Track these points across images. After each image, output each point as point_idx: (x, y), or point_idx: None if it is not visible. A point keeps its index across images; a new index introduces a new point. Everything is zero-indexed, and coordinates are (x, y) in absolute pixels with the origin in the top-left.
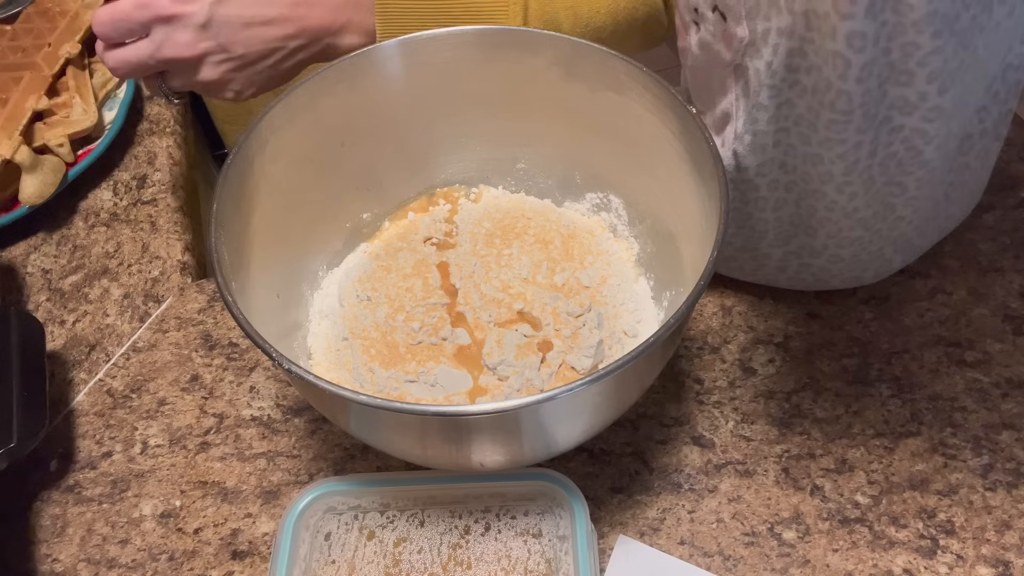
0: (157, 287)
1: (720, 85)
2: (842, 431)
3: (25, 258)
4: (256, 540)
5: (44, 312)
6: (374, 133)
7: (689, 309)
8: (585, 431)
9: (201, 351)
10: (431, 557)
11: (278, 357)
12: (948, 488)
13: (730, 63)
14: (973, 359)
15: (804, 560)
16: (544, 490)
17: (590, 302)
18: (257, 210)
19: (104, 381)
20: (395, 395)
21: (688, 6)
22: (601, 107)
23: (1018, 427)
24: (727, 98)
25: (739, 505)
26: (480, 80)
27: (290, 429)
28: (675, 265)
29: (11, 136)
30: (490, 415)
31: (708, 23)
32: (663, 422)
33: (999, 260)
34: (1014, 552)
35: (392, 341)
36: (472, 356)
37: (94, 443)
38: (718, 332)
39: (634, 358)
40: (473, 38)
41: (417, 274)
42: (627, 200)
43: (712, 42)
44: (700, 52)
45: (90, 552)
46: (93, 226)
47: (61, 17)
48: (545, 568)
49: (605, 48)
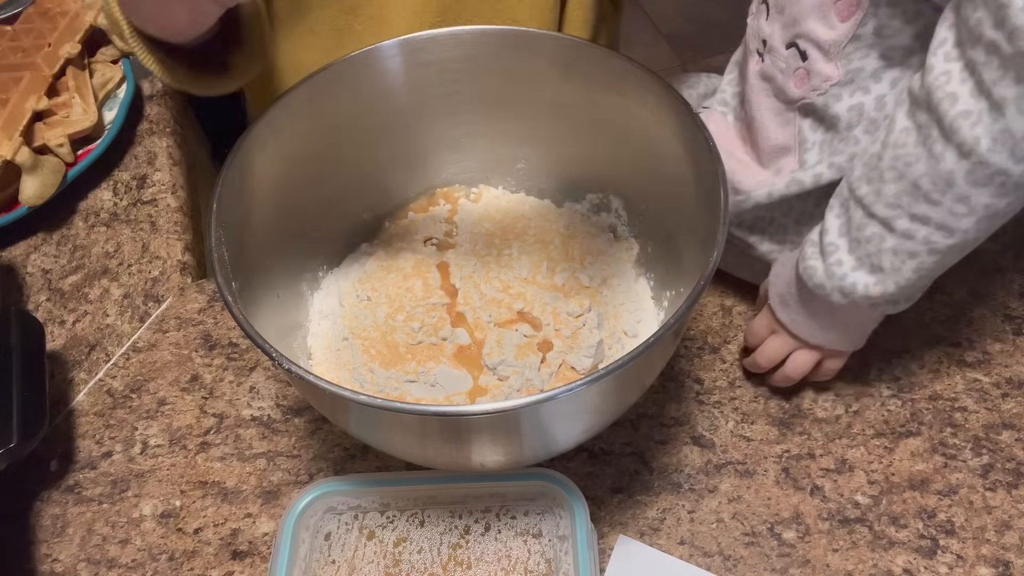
0: (157, 287)
1: (778, 116)
2: (842, 431)
3: (25, 258)
4: (256, 540)
5: (44, 312)
6: (374, 133)
7: (689, 309)
8: (585, 431)
9: (201, 351)
10: (431, 557)
11: (278, 357)
12: (948, 488)
13: (796, 100)
14: (973, 359)
15: (804, 560)
16: (544, 490)
17: (590, 302)
18: (257, 210)
19: (104, 381)
20: (395, 395)
21: (756, 35)
22: (601, 107)
23: (1018, 427)
24: (787, 131)
25: (739, 505)
26: (480, 80)
27: (290, 429)
28: (675, 265)
29: (11, 137)
30: (490, 415)
31: (778, 58)
32: (663, 422)
33: (999, 260)
34: (1014, 552)
35: (392, 341)
36: (472, 356)
37: (94, 443)
38: (718, 332)
39: (634, 358)
40: (473, 38)
41: (417, 274)
42: (627, 200)
43: (777, 76)
44: (758, 82)
45: (90, 552)
46: (93, 226)
47: (61, 17)
48: (545, 568)
49: (605, 48)
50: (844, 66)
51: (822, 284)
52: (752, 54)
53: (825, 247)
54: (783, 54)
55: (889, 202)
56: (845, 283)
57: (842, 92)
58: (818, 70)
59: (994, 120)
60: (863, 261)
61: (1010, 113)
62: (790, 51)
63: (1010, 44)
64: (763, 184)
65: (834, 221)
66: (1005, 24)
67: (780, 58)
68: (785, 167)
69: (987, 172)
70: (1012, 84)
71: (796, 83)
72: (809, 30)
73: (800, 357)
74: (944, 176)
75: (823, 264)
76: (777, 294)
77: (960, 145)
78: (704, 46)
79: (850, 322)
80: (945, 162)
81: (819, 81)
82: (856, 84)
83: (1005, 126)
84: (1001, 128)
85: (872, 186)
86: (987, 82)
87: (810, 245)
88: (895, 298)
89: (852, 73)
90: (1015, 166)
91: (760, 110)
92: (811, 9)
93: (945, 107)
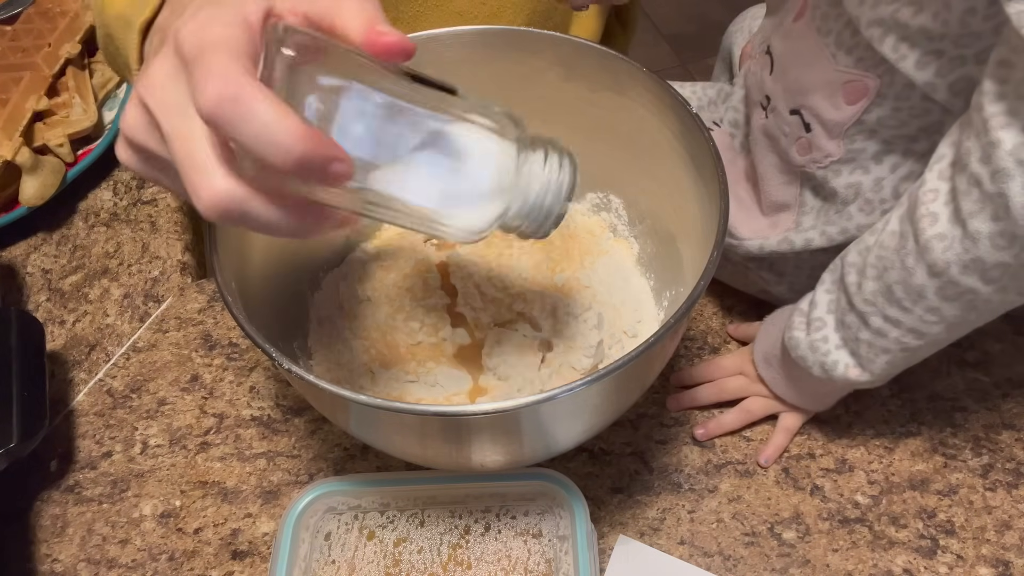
0: (157, 287)
1: (781, 175)
2: (842, 431)
3: (25, 258)
4: (256, 540)
5: (44, 312)
6: None
7: (689, 309)
8: (585, 431)
9: (201, 351)
10: (431, 557)
11: (278, 357)
12: (948, 488)
13: (798, 166)
14: (973, 359)
15: (804, 560)
16: (544, 490)
17: (590, 302)
18: None
19: (104, 381)
20: (395, 395)
21: (759, 87)
22: (601, 107)
23: (1018, 427)
24: (788, 191)
25: (739, 505)
26: (480, 80)
27: (290, 429)
28: (675, 265)
29: (11, 137)
30: (490, 415)
31: (782, 121)
32: (663, 422)
33: None
34: (1014, 552)
35: (392, 341)
36: (472, 356)
37: (94, 443)
38: (718, 332)
39: (634, 358)
40: (473, 38)
41: (417, 274)
42: (627, 200)
43: (780, 139)
44: (762, 137)
45: (90, 552)
46: (93, 226)
47: (61, 17)
48: (545, 568)
49: (605, 48)
50: (846, 145)
51: (804, 357)
52: (756, 106)
53: (812, 321)
54: (787, 119)
55: (867, 298)
56: (828, 360)
57: (842, 169)
58: (820, 145)
59: (966, 250)
60: (847, 343)
61: (983, 247)
62: (794, 118)
63: (992, 183)
64: (757, 235)
65: (824, 296)
66: (991, 161)
67: (784, 122)
68: (782, 222)
69: (957, 290)
70: (988, 220)
71: (799, 151)
72: (814, 104)
73: (759, 402)
74: (916, 288)
75: (807, 338)
76: (762, 352)
77: (931, 265)
78: (704, 46)
79: (831, 391)
80: (916, 276)
81: (820, 155)
82: (856, 164)
83: (976, 256)
84: (972, 258)
85: (857, 278)
86: (964, 212)
87: (798, 315)
88: (872, 383)
89: (853, 153)
90: (984, 287)
91: (764, 164)
92: (818, 85)
93: (924, 224)
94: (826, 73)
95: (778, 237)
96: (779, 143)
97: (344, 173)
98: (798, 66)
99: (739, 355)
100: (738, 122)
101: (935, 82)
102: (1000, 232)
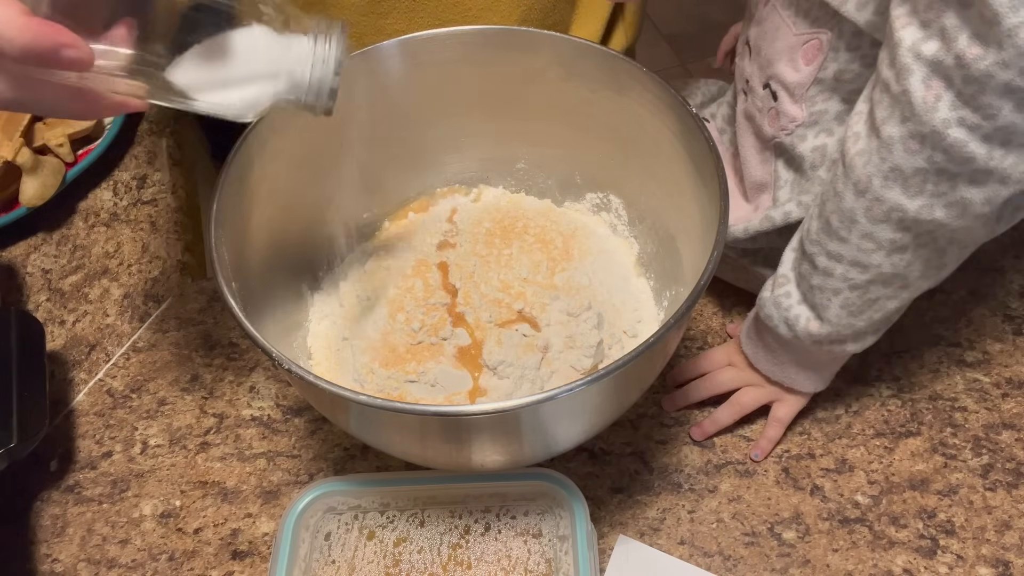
0: (157, 287)
1: (759, 154)
2: (842, 431)
3: (25, 258)
4: (256, 540)
5: (44, 312)
6: (374, 133)
7: (689, 309)
8: (585, 431)
9: (201, 351)
10: (431, 557)
11: (278, 357)
12: (948, 488)
13: (770, 139)
14: (973, 359)
15: (804, 560)
16: (544, 490)
17: (590, 302)
18: (257, 210)
19: (104, 381)
20: (395, 395)
21: (741, 75)
22: (601, 107)
23: (1018, 427)
24: (765, 169)
25: (739, 505)
26: (480, 80)
27: (290, 429)
28: (675, 265)
29: (11, 137)
30: (490, 415)
31: (756, 97)
32: (663, 422)
33: (999, 260)
34: (1014, 552)
35: (392, 341)
36: (472, 356)
37: (94, 443)
38: (718, 332)
39: (634, 358)
40: (473, 38)
41: (417, 274)
42: (627, 200)
43: (756, 115)
44: (743, 120)
45: (90, 552)
46: (93, 226)
47: None
48: (545, 568)
49: (605, 48)
50: (808, 108)
51: (771, 315)
52: (740, 93)
53: (777, 278)
54: (760, 94)
55: (813, 238)
56: (790, 315)
57: (807, 133)
58: (786, 110)
59: (883, 159)
60: (805, 296)
61: (897, 153)
62: (765, 91)
63: (897, 83)
64: (741, 220)
65: (789, 255)
66: (895, 63)
67: (758, 97)
68: (763, 203)
69: (883, 209)
70: (898, 124)
71: (769, 122)
72: (779, 72)
73: (750, 393)
74: (847, 213)
75: (772, 295)
76: (746, 327)
77: (856, 183)
78: (704, 46)
79: (807, 362)
80: (846, 200)
81: (786, 121)
82: (820, 126)
83: (894, 165)
84: (890, 167)
85: (807, 223)
86: (877, 120)
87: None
88: (837, 337)
89: (816, 115)
90: (910, 202)
91: (745, 147)
92: (781, 52)
93: (848, 145)
94: (787, 39)
95: (759, 216)
96: (755, 120)
97: (79, 59)
98: (766, 42)
99: (728, 344)
100: (729, 117)
101: (875, 20)
102: (910, 134)
